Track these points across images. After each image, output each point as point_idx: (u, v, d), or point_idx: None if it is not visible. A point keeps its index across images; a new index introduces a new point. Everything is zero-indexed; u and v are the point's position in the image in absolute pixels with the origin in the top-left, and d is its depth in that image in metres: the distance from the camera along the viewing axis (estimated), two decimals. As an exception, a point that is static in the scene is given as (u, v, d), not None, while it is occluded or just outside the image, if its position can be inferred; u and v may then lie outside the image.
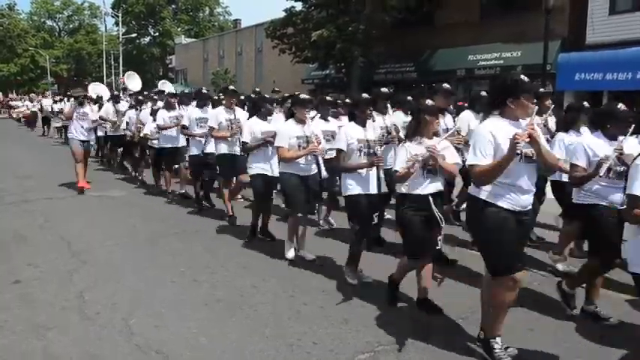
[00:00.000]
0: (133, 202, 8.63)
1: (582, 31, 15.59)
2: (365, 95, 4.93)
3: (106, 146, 13.48)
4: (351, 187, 4.63)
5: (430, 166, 3.89)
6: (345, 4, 19.35)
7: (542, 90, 6.36)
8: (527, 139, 3.03)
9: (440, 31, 19.50)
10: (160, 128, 8.49)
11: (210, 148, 7.38)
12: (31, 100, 27.76)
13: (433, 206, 3.91)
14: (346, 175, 4.70)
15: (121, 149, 12.05)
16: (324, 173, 5.36)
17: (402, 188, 3.96)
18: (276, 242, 6.07)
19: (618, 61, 14.24)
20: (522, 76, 3.26)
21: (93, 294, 4.50)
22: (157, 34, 58.13)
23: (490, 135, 3.17)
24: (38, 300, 4.38)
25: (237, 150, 6.82)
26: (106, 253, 5.74)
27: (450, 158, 4.01)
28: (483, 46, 17.93)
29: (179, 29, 56.81)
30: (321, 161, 5.33)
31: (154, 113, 9.09)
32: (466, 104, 8.06)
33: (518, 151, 3.05)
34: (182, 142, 8.42)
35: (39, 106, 23.58)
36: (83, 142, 9.30)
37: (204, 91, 9.10)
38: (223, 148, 6.88)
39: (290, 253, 5.50)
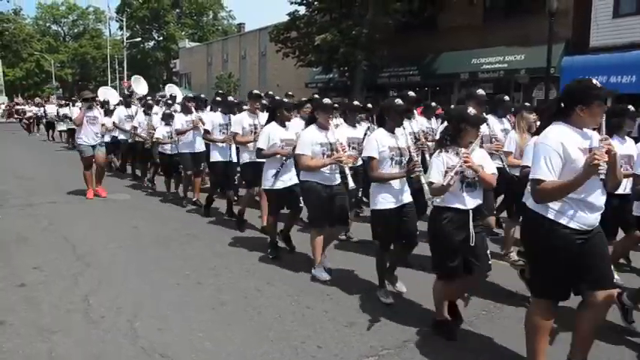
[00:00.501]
0: (137, 206, 8.65)
1: (586, 34, 15.58)
2: (399, 101, 4.42)
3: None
4: (383, 200, 4.28)
5: (470, 179, 3.60)
6: (348, 8, 19.41)
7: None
8: (606, 158, 2.71)
9: (443, 35, 19.51)
10: (178, 133, 8.24)
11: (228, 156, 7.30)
12: (37, 105, 27.66)
13: (472, 223, 3.60)
14: (377, 186, 4.33)
15: (120, 153, 12.09)
16: (351, 184, 4.83)
17: (437, 200, 3.65)
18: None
19: (622, 64, 14.21)
20: (594, 81, 2.97)
21: (97, 297, 4.51)
22: (161, 38, 58.44)
23: (561, 147, 2.86)
24: (43, 303, 4.39)
25: (252, 155, 6.49)
26: (110, 256, 5.76)
27: (488, 168, 3.72)
28: (487, 50, 17.93)
29: (183, 33, 57.04)
30: (347, 171, 4.85)
31: (166, 118, 8.93)
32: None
33: (601, 172, 2.75)
34: (200, 147, 8.25)
35: (42, 111, 23.50)
36: (94, 147, 8.96)
37: (201, 96, 9.17)
38: (246, 157, 6.60)
39: (324, 275, 4.96)
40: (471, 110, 3.70)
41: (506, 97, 6.40)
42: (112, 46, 52.60)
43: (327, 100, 5.11)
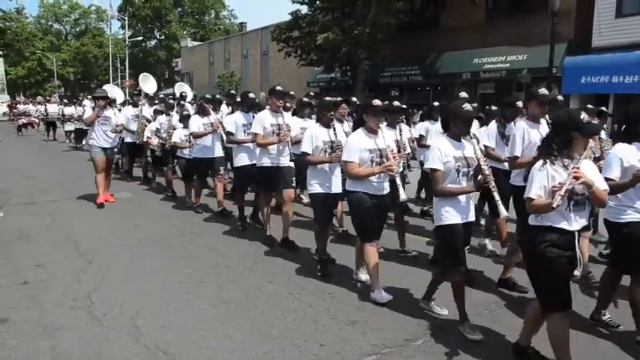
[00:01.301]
0: (140, 204, 8.66)
1: (588, 34, 15.55)
2: (467, 106, 3.90)
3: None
4: (448, 215, 3.84)
5: (579, 196, 3.15)
6: (351, 8, 19.39)
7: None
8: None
9: (445, 34, 19.49)
10: (194, 136, 7.67)
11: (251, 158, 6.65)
12: (38, 104, 26.62)
13: (578, 246, 3.17)
14: (442, 201, 3.87)
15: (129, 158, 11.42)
16: (402, 196, 4.42)
17: (537, 219, 3.22)
18: (277, 241, 6.08)
19: (624, 64, 14.18)
20: None
21: (100, 295, 4.52)
22: (163, 37, 58.42)
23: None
24: (46, 300, 4.41)
25: (283, 161, 6.04)
26: (112, 254, 5.78)
27: (600, 183, 3.20)
28: (489, 49, 17.90)
29: (185, 32, 57.04)
30: (399, 181, 4.46)
31: (183, 120, 8.38)
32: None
33: None
34: (219, 151, 7.75)
35: (43, 111, 22.57)
36: (106, 149, 8.35)
37: (217, 97, 8.58)
38: (266, 160, 6.00)
39: (385, 296, 4.43)
40: (584, 116, 3.17)
41: (560, 97, 5.85)
42: (114, 44, 52.64)
43: (377, 102, 4.53)
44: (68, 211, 7.99)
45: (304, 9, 21.40)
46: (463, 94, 5.20)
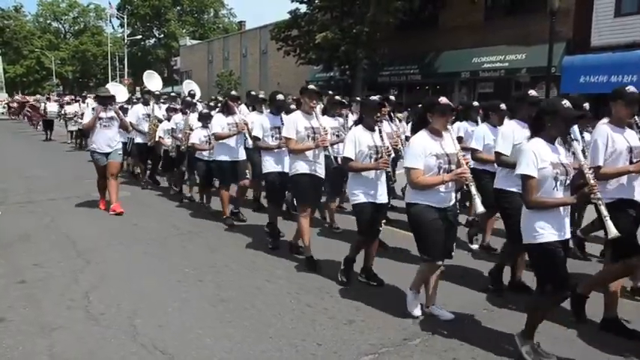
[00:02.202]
0: (138, 203, 8.64)
1: (587, 33, 15.55)
2: (567, 103, 3.40)
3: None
4: (544, 231, 3.33)
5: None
6: (350, 7, 19.38)
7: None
8: None
9: (444, 33, 19.49)
10: (217, 138, 6.98)
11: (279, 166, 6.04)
12: (37, 102, 25.73)
13: None
14: (537, 214, 3.34)
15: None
16: (480, 208, 3.74)
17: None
18: (280, 242, 6.08)
19: (623, 63, 14.19)
20: None
21: (98, 294, 4.51)
22: (162, 35, 58.37)
23: None
24: (43, 300, 4.40)
25: (320, 170, 5.42)
26: (111, 253, 5.77)
27: None
28: (488, 49, 17.91)
29: (184, 31, 57.00)
30: (474, 191, 3.79)
31: (203, 119, 7.75)
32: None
33: None
34: (243, 154, 7.15)
35: (42, 110, 21.66)
36: (107, 154, 7.66)
37: (233, 93, 7.92)
38: (302, 167, 5.32)
39: (416, 310, 4.15)
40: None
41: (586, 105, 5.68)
42: (113, 43, 52.61)
43: (444, 100, 3.96)
44: (67, 210, 7.97)
45: (303, 8, 21.41)
46: (532, 92, 4.65)
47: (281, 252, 5.81)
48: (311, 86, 5.51)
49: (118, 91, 13.18)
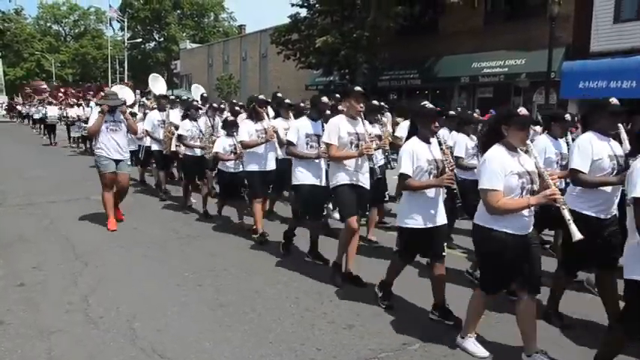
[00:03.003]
0: (138, 206, 8.63)
1: (587, 39, 15.61)
2: (614, 100, 3.60)
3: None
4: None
5: None
6: (350, 11, 19.44)
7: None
8: None
9: (444, 38, 19.55)
10: (244, 146, 6.38)
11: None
12: (38, 106, 24.72)
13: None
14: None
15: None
16: (577, 234, 3.23)
17: None
18: (278, 247, 6.08)
19: (622, 69, 14.24)
20: None
21: (97, 297, 4.50)
22: (162, 39, 58.52)
23: None
24: (42, 303, 4.39)
25: (364, 180, 4.90)
26: (110, 256, 5.76)
27: None
28: (487, 54, 17.96)
29: (184, 34, 57.15)
30: (568, 215, 3.25)
31: (228, 126, 7.07)
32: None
33: None
34: (272, 163, 6.51)
35: (44, 113, 20.76)
36: (117, 161, 6.89)
37: (260, 97, 7.25)
38: (344, 177, 4.82)
39: (479, 350, 3.62)
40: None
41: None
42: (113, 46, 52.70)
43: (523, 110, 3.85)
44: (66, 212, 7.96)
45: (303, 12, 21.50)
46: (614, 101, 4.13)
47: (280, 256, 5.80)
48: (357, 87, 4.91)
49: (125, 93, 12.65)
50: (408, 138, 4.10)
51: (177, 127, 8.72)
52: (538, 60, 15.68)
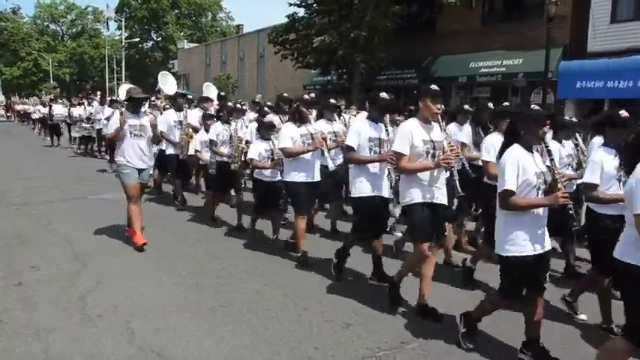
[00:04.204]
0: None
1: (584, 39, 15.63)
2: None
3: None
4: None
5: None
6: (347, 11, 19.44)
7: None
8: None
9: (441, 38, 19.55)
10: (287, 154, 5.48)
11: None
12: (44, 105, 23.04)
13: None
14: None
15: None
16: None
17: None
18: (277, 247, 6.08)
19: (619, 69, 14.26)
20: None
21: (95, 297, 4.50)
22: (160, 38, 58.38)
23: None
24: (40, 302, 4.38)
25: (441, 196, 4.18)
26: (108, 256, 5.75)
27: None
28: (485, 54, 17.96)
29: (182, 34, 57.02)
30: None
31: (264, 130, 6.29)
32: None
33: None
34: (318, 174, 5.64)
35: (47, 112, 19.40)
36: (141, 170, 6.18)
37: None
38: (417, 194, 4.10)
39: None
40: None
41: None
42: (111, 46, 52.57)
43: (625, 113, 3.66)
44: (65, 212, 7.95)
45: (301, 12, 21.46)
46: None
47: (279, 258, 5.81)
48: (434, 86, 4.14)
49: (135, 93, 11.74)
50: (506, 145, 3.45)
51: (195, 130, 8.21)
52: (535, 60, 15.70)
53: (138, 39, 54.85)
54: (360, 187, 4.71)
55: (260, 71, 34.70)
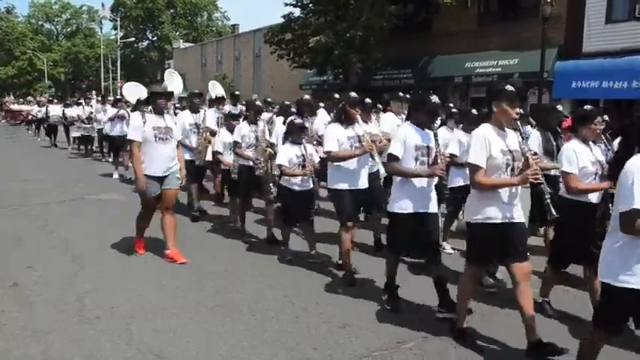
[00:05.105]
0: (133, 207, 8.54)
1: (579, 39, 15.72)
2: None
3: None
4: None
5: None
6: (344, 11, 19.45)
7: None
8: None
9: (437, 38, 19.61)
10: (332, 158, 4.89)
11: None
12: (39, 105, 21.93)
13: None
14: None
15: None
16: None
17: None
18: (277, 247, 6.09)
19: (614, 69, 14.36)
20: None
21: (93, 298, 4.50)
22: (155, 38, 58.23)
23: None
24: (37, 303, 4.38)
25: (518, 215, 3.65)
26: (106, 256, 5.74)
27: None
28: (481, 54, 18.03)
29: (177, 34, 56.90)
30: None
31: (294, 132, 5.63)
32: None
33: None
34: (366, 180, 5.06)
35: (44, 112, 19.19)
36: (162, 178, 5.50)
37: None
38: (495, 213, 3.57)
39: None
40: None
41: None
42: (106, 45, 52.41)
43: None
44: (61, 213, 7.93)
45: (297, 12, 21.45)
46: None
47: (279, 258, 5.82)
48: (509, 86, 3.55)
49: (140, 91, 10.76)
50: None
51: (213, 133, 7.60)
52: (531, 60, 15.78)
53: (133, 38, 54.69)
54: (404, 204, 4.11)
55: (256, 71, 34.68)
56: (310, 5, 20.60)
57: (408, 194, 4.11)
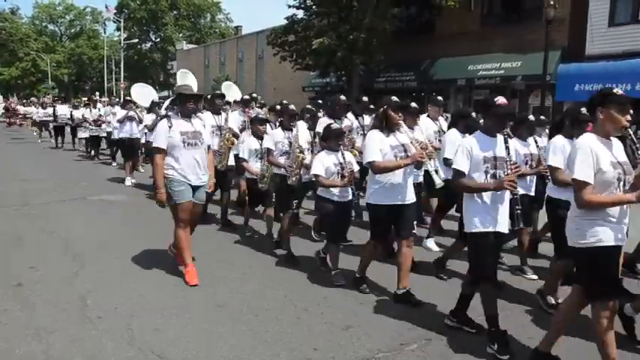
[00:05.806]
0: (135, 206, 8.62)
1: (582, 42, 15.72)
2: None
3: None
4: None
5: None
6: (347, 13, 19.48)
7: None
8: None
9: (440, 41, 19.62)
10: (376, 169, 4.35)
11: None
12: (44, 107, 21.69)
13: None
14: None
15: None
16: None
17: None
18: (273, 246, 6.09)
19: (617, 72, 14.34)
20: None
21: (94, 297, 4.50)
22: (159, 39, 58.33)
23: None
24: (39, 303, 4.38)
25: (625, 234, 3.22)
26: (107, 256, 5.74)
27: None
28: (484, 56, 18.04)
29: (180, 35, 57.01)
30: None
31: (331, 137, 5.05)
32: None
33: None
34: (413, 194, 4.57)
35: (51, 113, 18.93)
36: (196, 188, 5.06)
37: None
38: (607, 236, 3.10)
39: None
40: None
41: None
42: (109, 46, 52.56)
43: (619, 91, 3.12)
44: (63, 213, 7.94)
45: (300, 13, 21.52)
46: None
47: (279, 259, 5.81)
48: (618, 90, 3.21)
49: (147, 93, 10.66)
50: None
51: (236, 136, 7.16)
52: (534, 63, 15.79)
53: (137, 40, 54.81)
54: (477, 222, 3.68)
55: (259, 72, 34.75)
56: (313, 7, 20.67)
57: (481, 211, 3.69)
